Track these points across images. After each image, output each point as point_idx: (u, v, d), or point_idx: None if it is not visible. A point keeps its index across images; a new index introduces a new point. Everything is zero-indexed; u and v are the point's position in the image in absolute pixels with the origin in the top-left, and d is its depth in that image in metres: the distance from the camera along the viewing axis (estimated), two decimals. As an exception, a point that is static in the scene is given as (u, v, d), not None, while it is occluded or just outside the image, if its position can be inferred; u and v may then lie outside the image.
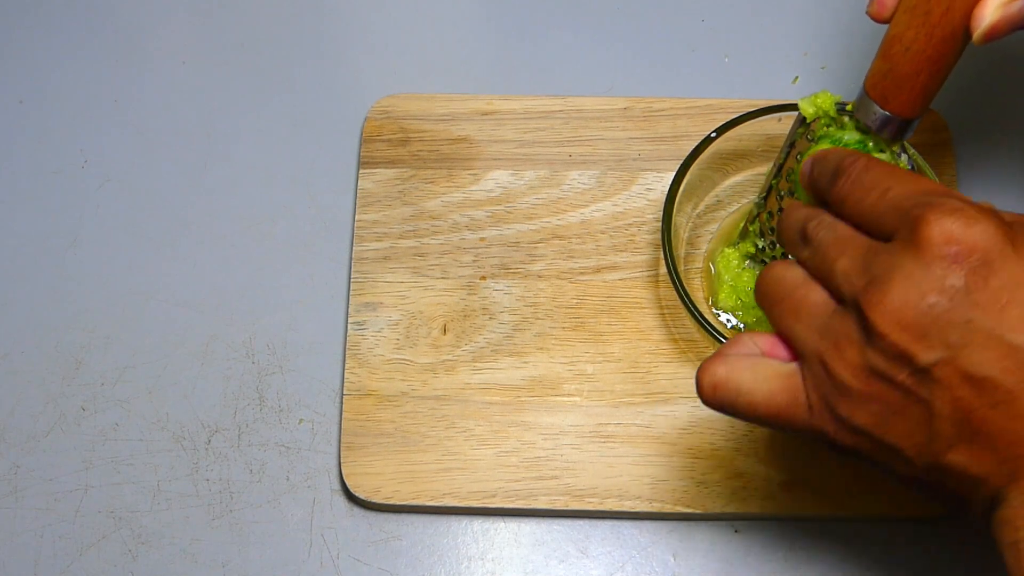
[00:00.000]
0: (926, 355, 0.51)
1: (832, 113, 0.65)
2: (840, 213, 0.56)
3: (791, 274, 0.57)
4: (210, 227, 0.77)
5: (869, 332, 0.52)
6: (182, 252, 0.77)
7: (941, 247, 0.50)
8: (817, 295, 0.55)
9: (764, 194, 0.70)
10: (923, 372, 0.51)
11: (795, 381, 0.55)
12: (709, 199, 0.74)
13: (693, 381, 0.70)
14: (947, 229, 0.50)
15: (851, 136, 0.64)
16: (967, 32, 0.57)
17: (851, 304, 0.53)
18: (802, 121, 0.66)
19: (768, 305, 0.57)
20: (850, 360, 0.53)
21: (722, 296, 0.72)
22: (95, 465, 0.72)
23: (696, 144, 0.71)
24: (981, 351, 0.50)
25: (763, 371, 0.56)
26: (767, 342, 0.56)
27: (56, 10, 0.83)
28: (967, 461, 0.51)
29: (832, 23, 0.82)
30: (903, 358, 0.51)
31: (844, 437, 0.54)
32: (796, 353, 0.55)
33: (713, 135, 0.71)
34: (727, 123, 0.71)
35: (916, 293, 0.50)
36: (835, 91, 0.66)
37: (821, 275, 0.55)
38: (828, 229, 0.56)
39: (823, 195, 0.57)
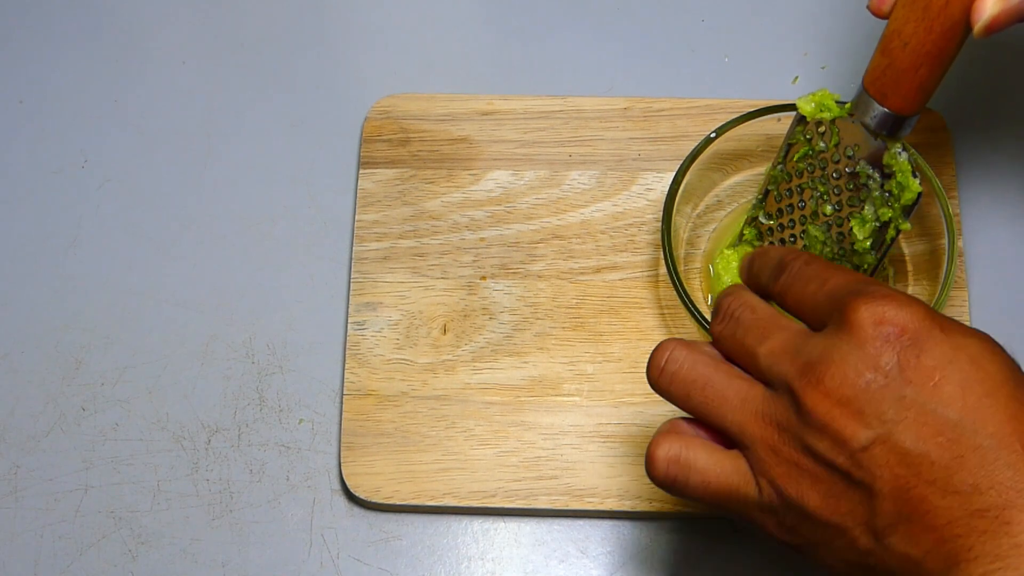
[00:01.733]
0: (863, 433, 0.51)
1: (835, 110, 0.64)
2: (781, 305, 0.58)
3: (700, 359, 0.57)
4: (210, 227, 0.77)
5: (804, 416, 0.53)
6: (182, 252, 0.77)
7: (873, 328, 0.52)
8: (740, 381, 0.56)
9: (761, 196, 0.70)
10: (861, 451, 0.52)
11: (743, 465, 0.55)
12: (709, 199, 0.74)
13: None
14: (878, 312, 0.52)
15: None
16: (967, 26, 0.57)
17: (782, 388, 0.54)
18: (800, 120, 0.66)
19: (682, 395, 0.57)
20: (790, 445, 0.53)
21: None
22: (95, 465, 0.72)
23: (696, 144, 0.71)
24: (916, 427, 0.51)
25: (716, 452, 0.56)
26: (706, 429, 0.57)
27: (56, 10, 0.83)
28: (907, 542, 0.51)
29: (832, 23, 0.82)
30: (840, 439, 0.52)
31: (791, 520, 0.54)
32: (734, 441, 0.56)
33: (713, 135, 0.71)
34: (727, 123, 0.71)
35: (852, 372, 0.52)
36: (835, 91, 0.66)
37: (740, 356, 0.56)
38: (749, 309, 0.57)
39: (764, 290, 0.59)
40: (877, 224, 0.65)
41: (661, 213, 0.70)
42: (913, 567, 0.52)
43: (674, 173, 0.70)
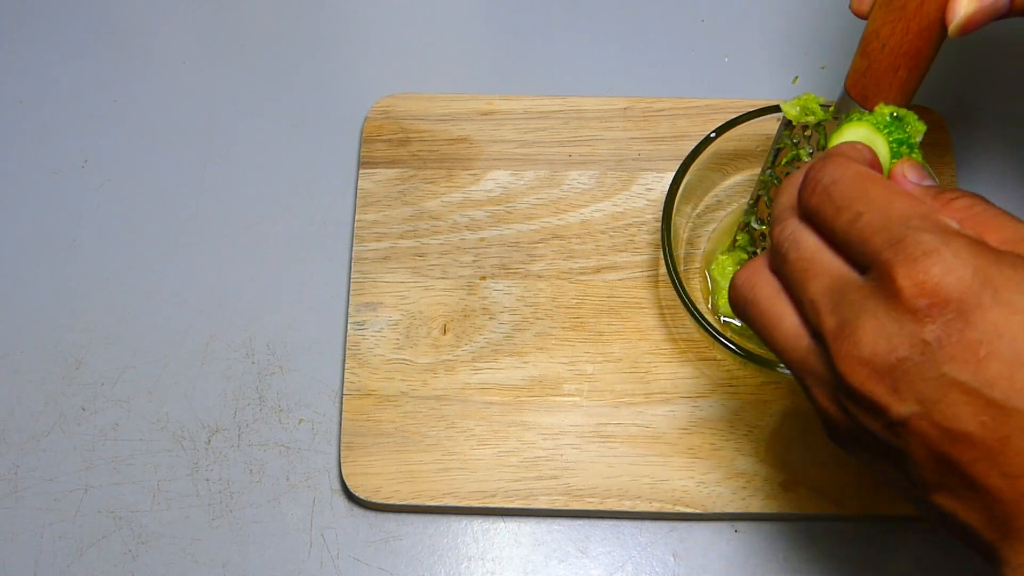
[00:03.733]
0: (899, 408, 0.48)
1: (819, 114, 0.65)
2: (812, 227, 0.53)
3: (761, 285, 0.54)
4: (210, 227, 0.78)
5: (839, 379, 0.50)
6: (182, 252, 0.77)
7: (914, 299, 0.47)
8: (788, 319, 0.53)
9: (753, 201, 0.70)
10: (898, 424, 0.49)
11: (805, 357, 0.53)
12: (709, 199, 0.74)
13: (693, 381, 0.71)
14: (920, 280, 0.47)
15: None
16: (943, 25, 0.57)
17: (821, 342, 0.51)
18: (787, 124, 0.66)
19: (745, 317, 0.55)
20: (828, 402, 0.51)
21: (722, 302, 0.71)
22: (95, 465, 0.72)
23: (696, 144, 0.71)
24: (958, 406, 0.47)
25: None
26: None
27: (56, 10, 0.83)
28: (954, 506, 0.50)
29: (832, 23, 0.82)
30: (875, 410, 0.49)
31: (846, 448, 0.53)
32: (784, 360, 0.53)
33: (713, 135, 0.71)
34: (727, 123, 0.71)
35: (886, 344, 0.48)
36: (835, 92, 0.66)
37: (789, 291, 0.53)
38: (793, 243, 0.53)
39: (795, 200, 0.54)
40: None
41: (661, 213, 0.71)
42: (968, 528, 0.50)
43: (674, 173, 0.70)
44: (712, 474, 0.70)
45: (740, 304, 0.55)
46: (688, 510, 0.70)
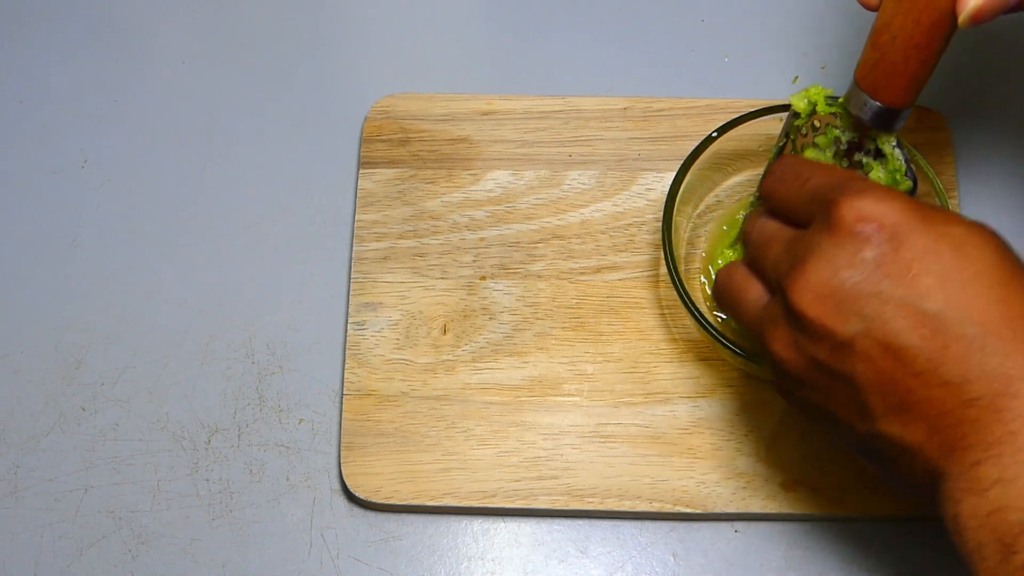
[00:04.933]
0: (843, 328, 0.52)
1: (827, 106, 0.65)
2: (771, 210, 0.60)
3: (736, 274, 0.61)
4: (210, 227, 0.77)
5: (791, 312, 0.54)
6: (182, 252, 0.77)
7: (853, 224, 0.52)
8: (755, 289, 0.59)
9: (758, 194, 0.70)
10: (844, 346, 0.53)
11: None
12: (709, 199, 0.74)
13: (693, 381, 0.71)
14: (857, 207, 0.53)
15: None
16: (954, 17, 0.57)
17: (777, 290, 0.56)
18: (794, 116, 0.66)
19: (723, 307, 0.63)
20: (784, 343, 0.55)
21: None
22: (95, 465, 0.72)
23: (697, 144, 0.71)
24: (897, 320, 0.51)
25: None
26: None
27: (56, 10, 0.83)
28: (901, 431, 0.52)
29: (832, 23, 0.82)
30: (822, 334, 0.53)
31: (796, 405, 0.58)
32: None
33: (714, 135, 0.71)
34: (728, 123, 0.71)
35: (830, 269, 0.53)
36: (835, 92, 0.66)
37: (757, 271, 0.59)
38: (759, 229, 0.60)
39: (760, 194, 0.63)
40: None
41: (661, 213, 0.70)
42: (912, 453, 0.52)
43: (675, 173, 0.70)
44: (712, 474, 0.70)
45: (719, 291, 0.63)
46: (688, 510, 0.70)
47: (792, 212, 0.58)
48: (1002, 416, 0.49)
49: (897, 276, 0.51)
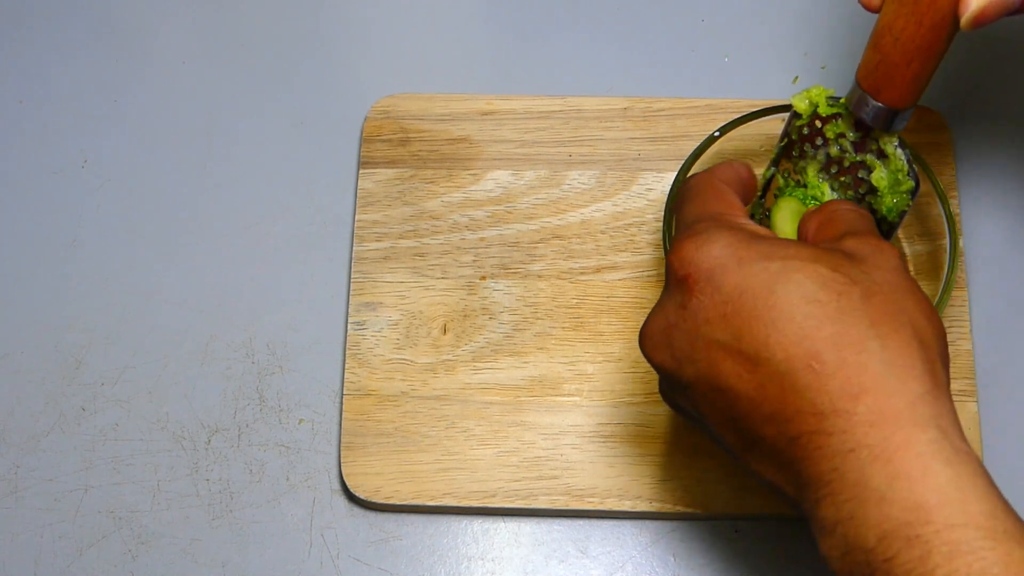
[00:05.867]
0: (681, 374, 0.54)
1: (824, 109, 0.65)
2: None
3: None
4: (210, 227, 0.77)
5: (646, 358, 0.57)
6: (182, 252, 0.77)
7: (678, 272, 0.54)
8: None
9: (760, 194, 0.70)
10: (688, 388, 0.54)
11: None
12: (709, 199, 0.74)
13: None
14: (680, 255, 0.54)
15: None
16: (956, 19, 0.57)
17: None
18: (796, 116, 0.66)
19: None
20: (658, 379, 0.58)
21: None
22: (95, 465, 0.72)
23: (698, 144, 0.71)
24: (721, 363, 0.52)
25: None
26: None
27: (56, 10, 0.83)
28: (758, 467, 0.53)
29: (832, 23, 0.82)
30: (670, 380, 0.55)
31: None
32: None
33: (716, 134, 0.71)
34: (731, 122, 0.71)
35: (663, 318, 0.55)
36: (837, 92, 0.66)
37: None
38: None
39: None
40: (876, 217, 0.65)
41: (661, 213, 0.70)
42: (778, 489, 0.53)
43: (675, 173, 0.70)
44: (712, 474, 0.70)
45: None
46: (688, 510, 0.70)
47: None
48: (824, 453, 0.49)
49: (714, 320, 0.52)
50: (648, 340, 0.56)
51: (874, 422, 0.48)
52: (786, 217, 0.66)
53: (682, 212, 0.59)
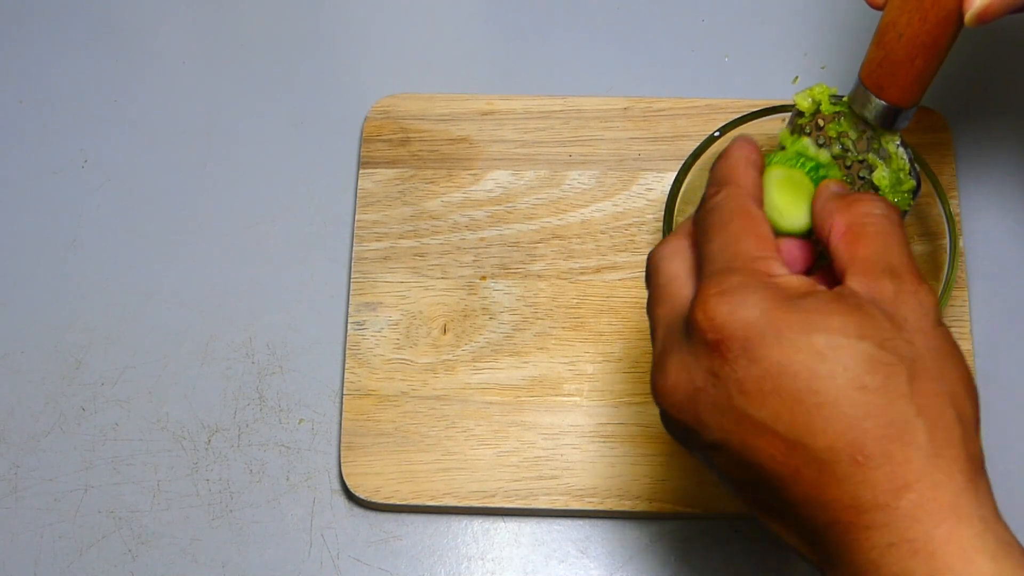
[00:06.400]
0: (706, 435, 0.50)
1: (827, 107, 0.65)
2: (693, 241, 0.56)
3: (670, 267, 0.56)
4: (210, 227, 0.77)
5: (659, 407, 0.53)
6: (182, 252, 0.77)
7: (706, 333, 0.49)
8: (664, 311, 0.54)
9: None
10: (711, 448, 0.51)
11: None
12: (709, 199, 0.74)
13: None
14: (710, 315, 0.49)
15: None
16: (960, 15, 0.57)
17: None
18: (798, 115, 0.66)
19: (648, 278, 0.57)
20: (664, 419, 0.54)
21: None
22: (95, 465, 0.72)
23: (698, 144, 0.71)
24: (751, 438, 0.49)
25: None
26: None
27: (56, 10, 0.83)
28: (778, 530, 0.51)
29: (832, 23, 0.82)
30: (687, 436, 0.52)
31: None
32: None
33: (716, 134, 0.70)
34: (731, 122, 0.70)
35: (687, 378, 0.51)
36: (838, 91, 0.66)
37: (667, 296, 0.55)
38: (655, 273, 0.55)
39: None
40: None
41: (662, 213, 0.70)
42: (798, 552, 0.51)
43: (675, 172, 0.70)
44: (712, 474, 0.70)
45: (650, 268, 0.57)
46: (688, 510, 0.70)
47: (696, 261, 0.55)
48: (861, 545, 0.47)
49: (751, 395, 0.49)
50: (667, 398, 0.52)
51: (917, 516, 0.47)
52: (785, 191, 0.61)
53: (710, 244, 0.53)
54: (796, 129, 0.67)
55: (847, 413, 0.47)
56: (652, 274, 0.56)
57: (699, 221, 0.55)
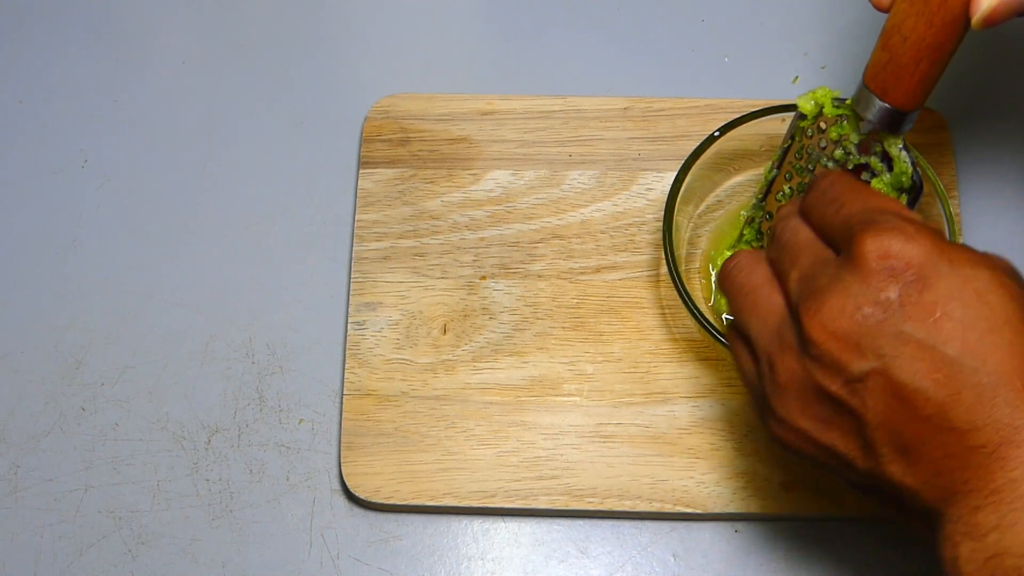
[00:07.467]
0: (858, 365, 0.52)
1: (834, 108, 0.64)
2: (808, 223, 0.58)
3: (758, 270, 0.59)
4: (210, 227, 0.77)
5: (804, 342, 0.54)
6: (182, 252, 0.77)
7: (878, 262, 0.52)
8: (775, 299, 0.57)
9: (761, 196, 0.70)
10: (856, 382, 0.52)
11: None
12: (710, 199, 0.74)
13: (693, 380, 0.71)
14: (883, 245, 0.52)
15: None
16: (967, 19, 0.57)
17: (794, 314, 0.55)
18: (800, 118, 0.66)
19: (730, 293, 0.60)
20: (790, 368, 0.55)
21: (723, 301, 0.71)
22: (95, 465, 0.72)
23: (698, 144, 0.71)
24: (913, 362, 0.51)
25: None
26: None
27: (56, 10, 0.83)
28: (903, 472, 0.52)
29: (832, 23, 0.82)
30: (836, 368, 0.53)
31: (784, 434, 0.56)
32: (751, 344, 0.58)
33: (716, 134, 0.71)
34: (730, 122, 0.71)
35: (851, 305, 0.52)
36: (841, 93, 0.66)
37: (780, 278, 0.58)
38: (792, 232, 0.58)
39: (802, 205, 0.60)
40: None
41: (662, 213, 0.70)
42: (912, 494, 0.52)
43: (675, 172, 0.70)
44: (712, 474, 0.70)
45: (731, 278, 0.60)
46: (688, 510, 0.70)
47: (825, 234, 0.57)
48: (1005, 464, 0.50)
49: (919, 318, 0.51)
50: (828, 325, 0.53)
51: None
52: None
53: (851, 204, 0.56)
54: (797, 132, 0.66)
55: (1014, 340, 0.50)
56: (786, 239, 0.58)
57: (825, 191, 0.57)
